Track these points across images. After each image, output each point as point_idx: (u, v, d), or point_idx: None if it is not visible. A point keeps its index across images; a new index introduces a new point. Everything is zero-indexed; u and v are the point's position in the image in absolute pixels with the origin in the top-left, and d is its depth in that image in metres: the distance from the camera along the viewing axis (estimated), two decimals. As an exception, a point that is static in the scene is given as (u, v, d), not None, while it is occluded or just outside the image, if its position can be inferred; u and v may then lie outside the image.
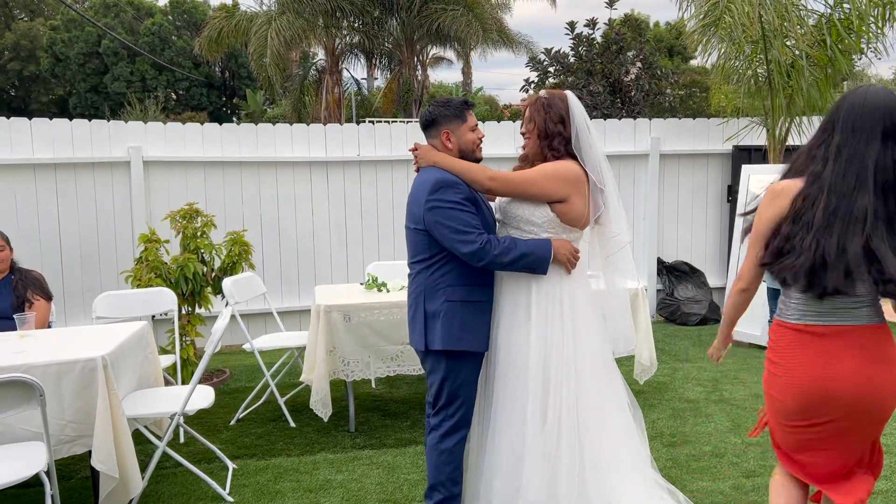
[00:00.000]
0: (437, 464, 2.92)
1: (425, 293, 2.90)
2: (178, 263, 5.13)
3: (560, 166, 2.86)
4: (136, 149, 6.30)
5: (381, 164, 6.95)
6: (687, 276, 7.57)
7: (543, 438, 2.80)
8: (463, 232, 2.74)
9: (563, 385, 2.81)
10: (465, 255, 2.77)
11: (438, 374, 2.90)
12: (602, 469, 2.83)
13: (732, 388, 5.20)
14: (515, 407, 2.85)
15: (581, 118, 2.91)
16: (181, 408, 3.48)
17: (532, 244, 2.82)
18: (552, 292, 2.87)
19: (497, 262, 2.77)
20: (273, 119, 26.74)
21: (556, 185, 2.83)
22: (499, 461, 2.90)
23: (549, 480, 2.78)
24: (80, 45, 32.12)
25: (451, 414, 2.91)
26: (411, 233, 2.93)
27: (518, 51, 20.35)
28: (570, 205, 2.85)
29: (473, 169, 2.87)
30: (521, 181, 2.85)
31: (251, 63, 18.24)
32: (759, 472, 3.73)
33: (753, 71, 6.61)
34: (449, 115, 2.95)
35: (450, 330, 2.84)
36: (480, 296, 2.92)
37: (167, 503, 3.53)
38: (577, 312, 2.88)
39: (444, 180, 2.81)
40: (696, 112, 19.50)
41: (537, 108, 2.93)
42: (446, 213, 2.77)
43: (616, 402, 2.97)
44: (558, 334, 2.84)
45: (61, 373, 3.15)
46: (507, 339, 2.90)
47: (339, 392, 4.89)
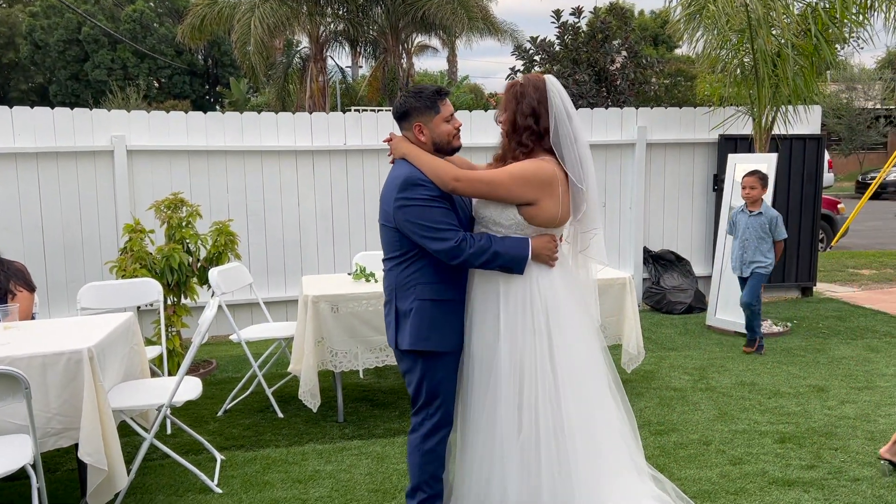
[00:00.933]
0: (420, 464, 2.85)
1: (396, 291, 2.81)
2: (164, 254, 5.09)
3: (529, 167, 2.69)
4: (119, 138, 6.21)
5: (368, 152, 6.91)
6: (673, 265, 7.60)
7: (520, 441, 2.70)
8: (435, 230, 2.65)
9: (537, 384, 2.69)
10: (439, 252, 2.67)
11: (416, 374, 2.83)
12: (587, 466, 2.74)
13: (719, 376, 5.24)
14: (486, 408, 2.76)
15: (561, 107, 2.71)
16: (168, 399, 3.45)
17: (509, 243, 2.71)
18: (524, 289, 2.73)
19: (472, 262, 2.68)
20: (257, 107, 26.53)
21: (523, 188, 2.67)
22: (472, 463, 2.83)
23: (529, 482, 2.70)
24: (60, 32, 31.67)
25: (431, 413, 2.84)
26: (383, 229, 2.84)
27: (504, 39, 20.29)
28: (539, 208, 2.70)
29: (440, 167, 2.71)
30: (488, 182, 2.69)
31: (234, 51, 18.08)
32: (746, 460, 3.77)
33: (739, 60, 6.62)
34: (420, 107, 2.80)
35: (419, 330, 2.75)
36: (452, 294, 2.82)
37: (155, 495, 3.51)
38: (552, 308, 2.73)
39: (413, 178, 2.70)
40: (682, 101, 19.55)
41: (510, 97, 2.77)
42: (416, 211, 2.67)
43: (600, 396, 2.86)
44: (530, 333, 2.70)
45: (46, 365, 3.11)
46: (479, 338, 2.80)
47: (327, 382, 4.88)
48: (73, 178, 6.19)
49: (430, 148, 2.84)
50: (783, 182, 7.57)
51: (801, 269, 7.85)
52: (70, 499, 3.49)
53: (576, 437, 2.72)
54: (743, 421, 4.33)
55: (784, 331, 6.44)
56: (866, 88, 30.19)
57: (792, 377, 5.17)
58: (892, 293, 8.17)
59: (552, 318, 2.74)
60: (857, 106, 29.37)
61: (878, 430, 4.14)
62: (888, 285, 8.68)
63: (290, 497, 3.47)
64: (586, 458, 2.74)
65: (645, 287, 7.69)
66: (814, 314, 7.15)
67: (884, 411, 4.43)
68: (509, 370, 2.72)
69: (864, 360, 5.56)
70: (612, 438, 2.87)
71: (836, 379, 5.10)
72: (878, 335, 6.29)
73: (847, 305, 7.52)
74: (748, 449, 3.92)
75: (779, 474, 3.59)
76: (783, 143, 7.44)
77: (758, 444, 3.97)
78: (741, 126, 7.38)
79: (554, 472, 2.70)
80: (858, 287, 8.60)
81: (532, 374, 2.71)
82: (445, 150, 2.86)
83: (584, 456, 2.73)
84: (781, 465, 3.70)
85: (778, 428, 4.20)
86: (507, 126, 2.78)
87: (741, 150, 7.39)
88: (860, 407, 4.52)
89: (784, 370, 5.34)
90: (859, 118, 28.91)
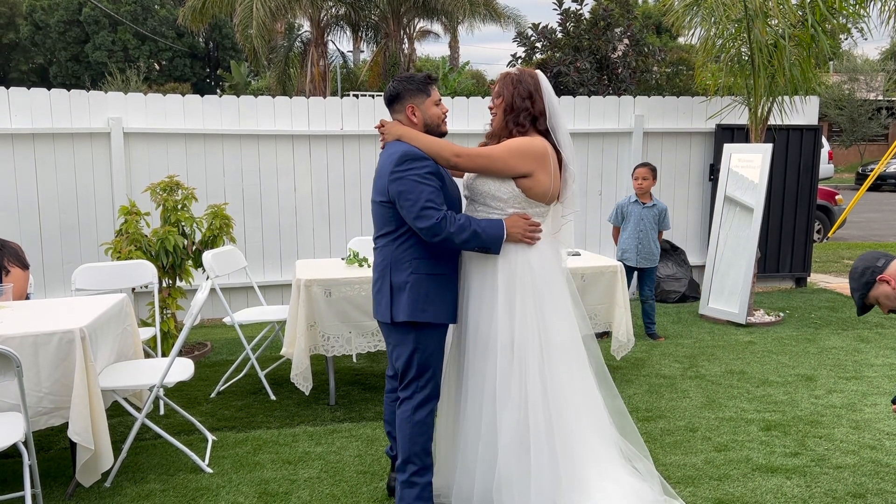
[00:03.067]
0: (410, 436, 2.92)
1: (391, 265, 2.91)
2: (159, 236, 5.11)
3: (525, 141, 2.88)
4: (116, 120, 6.23)
5: (365, 138, 6.92)
6: (668, 254, 7.63)
7: (511, 414, 2.82)
8: (422, 207, 2.75)
9: (528, 358, 2.84)
10: (422, 229, 2.77)
11: (407, 347, 2.91)
12: (571, 444, 2.87)
13: (709, 364, 5.28)
14: (486, 381, 2.88)
15: (552, 97, 2.94)
16: (160, 380, 3.49)
17: (485, 223, 2.85)
18: (519, 266, 2.88)
19: (452, 240, 2.78)
20: (257, 91, 26.45)
21: (521, 160, 2.85)
22: (468, 436, 2.93)
23: (519, 454, 2.81)
24: (61, 13, 31.54)
25: (422, 385, 2.93)
26: (377, 206, 2.94)
27: (506, 25, 20.24)
28: (535, 180, 2.87)
29: (439, 144, 2.87)
30: (486, 156, 2.86)
31: (236, 34, 18.03)
32: (731, 447, 3.81)
33: (736, 50, 6.61)
34: (413, 90, 2.96)
35: (416, 302, 2.86)
36: (445, 268, 2.94)
37: (146, 474, 3.56)
38: (544, 286, 2.90)
39: (411, 153, 2.82)
40: (683, 90, 19.49)
41: (506, 83, 2.95)
42: (409, 184, 2.77)
43: (584, 376, 2.99)
44: (528, 306, 2.86)
45: (38, 344, 3.15)
46: (475, 313, 2.93)
47: (319, 365, 4.92)
48: (69, 159, 6.20)
49: (422, 129, 2.96)
50: (779, 172, 7.59)
51: (796, 259, 7.88)
52: (63, 477, 3.54)
53: (562, 413, 2.86)
54: (730, 409, 4.38)
55: (776, 320, 6.48)
56: (868, 79, 30.07)
57: (781, 366, 5.21)
58: (886, 285, 8.18)
59: (543, 290, 2.90)
60: (859, 97, 29.26)
61: (863, 419, 4.18)
62: (883, 277, 8.69)
63: (279, 477, 3.52)
64: (572, 432, 2.87)
65: (639, 275, 7.72)
66: (806, 304, 7.18)
67: (870, 401, 4.47)
68: (504, 344, 2.85)
69: (853, 350, 5.60)
70: (597, 414, 3.00)
71: (825, 368, 5.14)
72: (868, 326, 6.32)
73: (840, 296, 7.56)
74: (734, 436, 3.96)
75: (762, 461, 3.63)
76: (780, 133, 7.45)
77: (743, 432, 4.02)
78: (738, 116, 7.39)
79: (542, 442, 2.82)
80: (853, 278, 8.62)
81: (524, 348, 2.84)
82: (436, 133, 2.99)
83: (571, 429, 2.87)
84: (766, 452, 3.75)
85: (764, 416, 4.24)
86: (504, 107, 2.94)
87: (738, 140, 7.40)
88: (847, 396, 4.56)
89: (774, 359, 5.38)
90: (861, 109, 28.81)
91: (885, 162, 13.70)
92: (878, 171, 13.60)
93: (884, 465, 3.58)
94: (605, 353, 5.08)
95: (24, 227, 6.08)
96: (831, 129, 30.16)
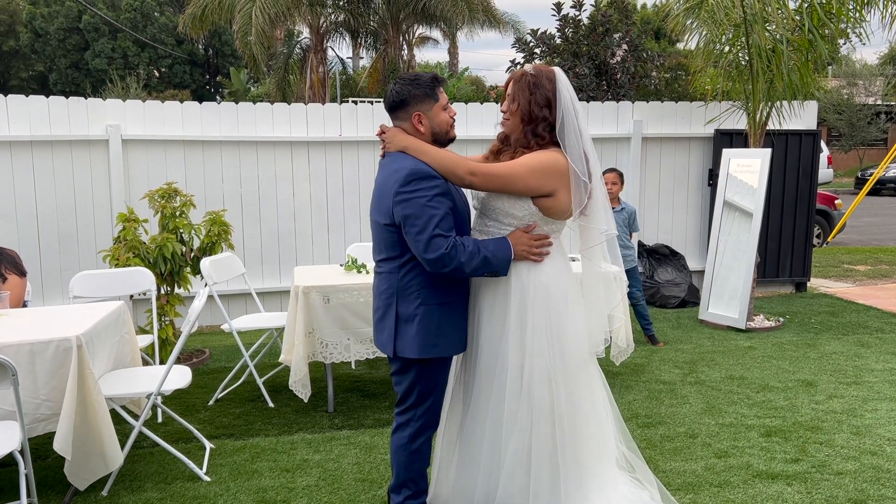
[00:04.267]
0: (406, 463, 2.80)
1: (397, 295, 2.67)
2: (157, 243, 5.10)
3: (546, 159, 2.62)
4: (114, 127, 6.22)
5: (364, 144, 6.92)
6: (667, 259, 7.62)
7: (517, 439, 2.71)
8: (431, 236, 2.50)
9: (537, 383, 2.68)
10: (429, 261, 2.52)
11: (410, 377, 2.73)
12: (575, 466, 2.76)
13: (708, 369, 5.26)
14: (490, 405, 2.73)
15: (569, 100, 2.66)
16: (157, 388, 3.47)
17: (493, 246, 2.60)
18: (531, 286, 2.68)
19: (462, 269, 2.55)
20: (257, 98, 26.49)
21: (543, 180, 2.60)
22: (470, 458, 2.82)
23: (520, 478, 2.71)
24: (61, 21, 31.61)
25: (420, 414, 2.77)
26: (379, 228, 2.69)
27: (505, 31, 20.28)
28: (556, 199, 2.64)
29: (452, 160, 2.60)
30: (506, 176, 2.59)
31: (235, 41, 18.05)
32: (731, 453, 3.79)
33: (734, 55, 6.62)
34: (419, 95, 2.64)
35: (426, 336, 2.63)
36: (456, 295, 2.71)
37: (144, 482, 3.54)
38: (558, 305, 2.71)
39: (419, 171, 2.54)
40: (682, 95, 19.52)
41: (522, 86, 2.66)
42: (417, 207, 2.51)
43: (592, 396, 2.86)
44: (539, 331, 2.68)
45: (35, 352, 3.14)
46: (486, 337, 2.74)
47: (318, 372, 4.90)
48: (68, 166, 6.20)
49: (429, 139, 2.68)
50: (778, 177, 7.58)
51: (796, 264, 7.86)
52: (59, 486, 3.52)
53: (568, 433, 2.74)
54: (730, 414, 4.36)
55: (776, 325, 6.46)
56: (867, 84, 30.11)
57: (781, 371, 5.19)
58: (886, 289, 8.19)
59: (560, 311, 2.71)
60: (858, 102, 29.29)
61: (863, 424, 4.16)
62: (882, 281, 8.70)
63: (277, 485, 3.50)
64: (576, 457, 2.76)
65: (639, 281, 7.71)
66: (806, 309, 7.17)
67: (870, 406, 4.46)
68: (516, 366, 2.68)
69: (854, 355, 5.58)
70: (601, 432, 2.90)
71: (825, 374, 5.12)
72: (869, 331, 6.31)
73: (840, 301, 7.54)
74: (734, 442, 3.94)
75: (763, 467, 3.61)
76: (778, 138, 7.45)
77: (744, 438, 4.00)
78: (736, 121, 7.39)
79: (543, 469, 2.71)
80: (853, 283, 8.62)
81: (534, 371, 2.68)
82: (443, 140, 2.73)
83: (573, 455, 2.76)
84: (766, 458, 3.73)
85: (764, 422, 4.23)
86: (521, 116, 2.68)
87: (737, 145, 7.40)
88: (847, 402, 4.54)
89: (774, 364, 5.36)
90: (860, 114, 28.83)
91: (885, 166, 13.69)
92: (877, 176, 13.59)
93: (885, 471, 3.56)
94: (605, 358, 5.08)
95: (22, 235, 6.07)
96: (830, 133, 30.18)
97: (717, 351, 5.76)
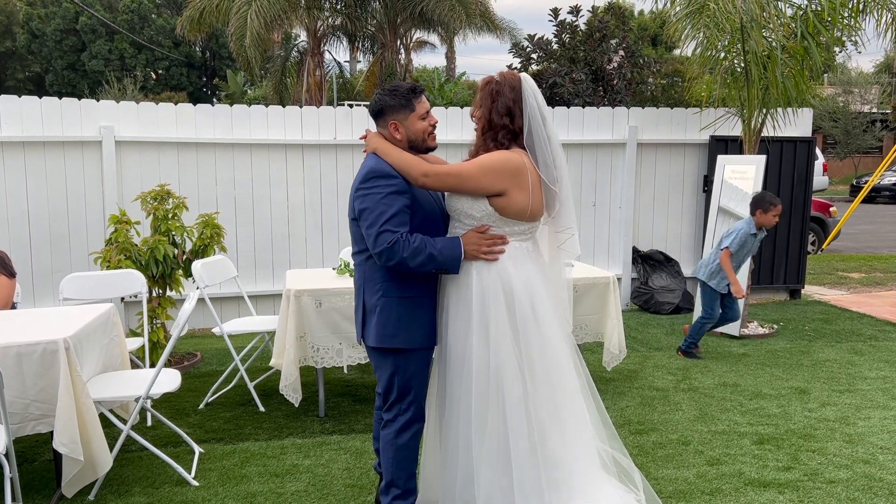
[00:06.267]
0: (394, 459, 2.85)
1: (364, 285, 2.82)
2: (149, 245, 5.07)
3: (497, 158, 2.69)
4: (107, 128, 6.19)
5: (358, 147, 6.89)
6: (661, 266, 7.61)
7: (490, 442, 2.71)
8: (379, 230, 2.62)
9: (506, 384, 2.68)
10: (376, 254, 2.65)
11: (386, 369, 2.83)
12: (557, 470, 2.76)
13: (702, 376, 5.25)
14: (461, 407, 2.76)
15: (535, 107, 2.72)
16: (146, 391, 3.44)
17: (442, 244, 2.69)
18: (492, 287, 2.71)
19: (406, 264, 2.64)
20: (253, 101, 26.46)
21: (493, 178, 2.66)
22: (449, 459, 2.85)
23: (500, 480, 2.71)
24: (58, 22, 31.55)
25: (404, 408, 2.84)
26: (351, 223, 2.84)
27: (502, 36, 20.27)
28: (509, 198, 2.69)
29: (408, 162, 2.70)
30: (456, 175, 2.68)
31: (231, 44, 18.01)
32: (724, 461, 3.77)
33: (731, 61, 6.62)
34: (395, 105, 2.78)
35: (385, 327, 2.75)
36: (418, 290, 2.79)
37: (131, 487, 3.51)
38: (526, 302, 2.72)
39: (379, 170, 2.69)
40: (677, 101, 19.56)
41: (485, 94, 2.77)
42: (371, 202, 2.66)
43: (571, 391, 2.85)
44: (504, 327, 2.70)
45: (22, 354, 3.11)
46: (452, 336, 2.79)
47: (310, 377, 4.87)
48: (60, 167, 6.17)
49: (405, 146, 2.81)
50: (773, 184, 7.58)
51: (790, 271, 7.86)
52: (46, 490, 3.49)
53: (545, 432, 2.74)
54: (723, 422, 4.34)
55: (770, 332, 6.45)
56: (863, 92, 30.22)
57: (774, 379, 5.18)
58: (880, 297, 8.19)
59: (526, 313, 2.73)
60: (854, 109, 29.40)
61: (856, 432, 4.15)
62: (876, 289, 8.70)
63: (266, 491, 3.47)
64: (557, 460, 2.75)
65: (633, 287, 7.70)
66: (800, 316, 7.16)
67: (863, 414, 4.44)
68: (481, 365, 2.71)
69: (847, 363, 5.57)
70: (582, 434, 2.87)
71: (819, 381, 5.11)
72: (862, 338, 6.30)
73: (834, 308, 7.54)
74: (726, 450, 3.92)
75: (755, 475, 3.60)
76: (774, 145, 7.45)
77: (736, 445, 3.98)
78: (731, 127, 7.39)
79: (526, 468, 2.71)
80: (847, 290, 8.62)
81: (502, 372, 2.69)
82: (421, 148, 2.85)
83: (554, 458, 2.75)
84: (758, 466, 3.71)
85: (757, 429, 4.21)
86: (483, 123, 2.79)
87: (732, 152, 7.39)
88: (840, 409, 4.53)
89: (767, 372, 5.35)
90: (855, 122, 28.94)
91: (879, 174, 13.74)
92: (872, 184, 13.62)
93: (877, 480, 3.54)
94: (597, 364, 5.07)
95: (13, 235, 6.04)
96: (826, 140, 30.29)
97: (711, 357, 5.75)
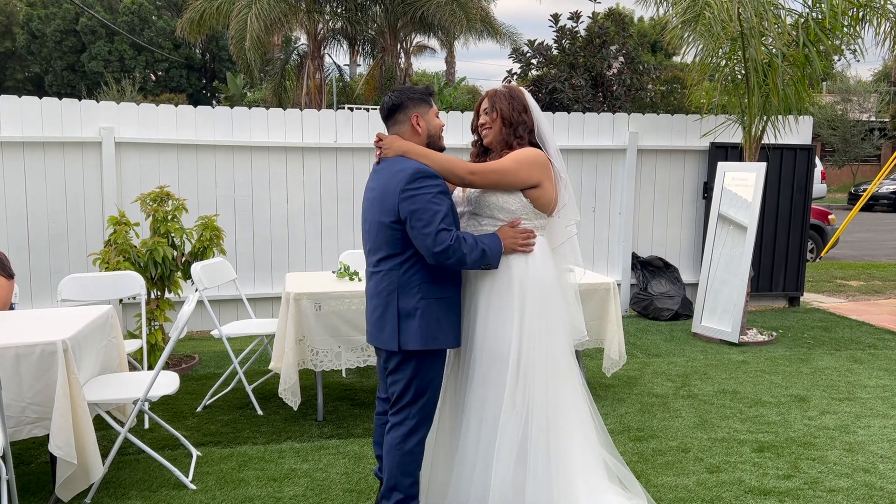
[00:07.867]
0: (398, 464, 2.84)
1: (399, 290, 2.80)
2: (148, 247, 5.06)
3: (530, 152, 2.88)
4: (107, 129, 6.18)
5: (359, 151, 6.89)
6: (661, 272, 7.61)
7: (515, 425, 2.81)
8: (438, 229, 2.66)
9: (533, 371, 2.83)
10: (436, 253, 2.67)
11: (406, 373, 2.83)
12: (567, 456, 2.86)
13: (701, 383, 5.23)
14: (488, 394, 2.84)
15: (539, 112, 2.97)
16: (144, 393, 3.43)
17: (486, 240, 2.80)
18: (528, 280, 2.85)
19: (464, 260, 2.71)
20: (253, 103, 26.44)
21: (531, 171, 2.84)
22: (466, 449, 2.88)
23: (516, 466, 2.79)
24: (58, 22, 31.52)
25: (415, 412, 2.85)
26: (383, 227, 2.80)
27: (503, 41, 20.28)
28: (543, 189, 2.88)
29: (452, 161, 2.80)
30: (498, 171, 2.81)
31: (231, 46, 18.01)
32: (724, 468, 3.76)
33: (731, 69, 6.62)
34: (416, 99, 2.87)
35: (428, 329, 2.77)
36: (453, 291, 2.88)
37: (128, 490, 3.49)
38: (546, 300, 2.89)
39: (423, 170, 2.73)
40: (678, 108, 19.58)
41: (500, 97, 2.94)
42: (423, 202, 2.68)
43: (575, 388, 3.00)
44: (535, 322, 2.85)
45: (19, 356, 3.09)
46: (482, 330, 2.87)
47: (309, 380, 4.85)
48: (59, 168, 6.15)
49: (424, 141, 2.87)
50: (773, 191, 7.59)
51: (789, 278, 7.86)
52: (42, 492, 3.46)
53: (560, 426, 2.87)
54: (722, 429, 4.33)
55: (769, 340, 6.45)
56: (861, 100, 30.30)
57: (774, 386, 5.17)
58: (879, 304, 8.19)
59: (549, 307, 2.90)
60: (852, 118, 29.46)
61: (856, 441, 4.14)
62: (875, 297, 8.70)
63: (263, 495, 3.45)
64: (567, 447, 2.87)
65: (633, 293, 7.69)
66: (799, 324, 7.16)
67: (863, 422, 4.44)
68: (515, 357, 2.82)
69: (846, 370, 5.56)
70: (585, 431, 2.98)
71: (818, 389, 5.10)
72: (862, 346, 6.30)
73: (833, 316, 7.54)
74: (726, 457, 3.91)
75: (755, 483, 3.58)
76: (774, 152, 7.46)
77: (736, 453, 3.97)
78: (731, 134, 7.39)
79: (539, 458, 2.81)
80: (846, 298, 8.62)
81: (530, 360, 2.83)
82: (436, 146, 2.91)
83: (565, 444, 2.87)
84: (758, 474, 3.70)
85: (757, 437, 4.20)
86: (502, 121, 2.93)
87: (732, 159, 7.40)
88: (840, 418, 4.52)
89: (766, 379, 5.34)
90: (854, 130, 29.00)
91: (878, 182, 13.74)
92: (870, 192, 13.64)
93: (877, 489, 3.53)
94: (597, 370, 5.06)
95: (11, 236, 6.02)
96: (824, 148, 30.33)
97: (710, 364, 5.74)
